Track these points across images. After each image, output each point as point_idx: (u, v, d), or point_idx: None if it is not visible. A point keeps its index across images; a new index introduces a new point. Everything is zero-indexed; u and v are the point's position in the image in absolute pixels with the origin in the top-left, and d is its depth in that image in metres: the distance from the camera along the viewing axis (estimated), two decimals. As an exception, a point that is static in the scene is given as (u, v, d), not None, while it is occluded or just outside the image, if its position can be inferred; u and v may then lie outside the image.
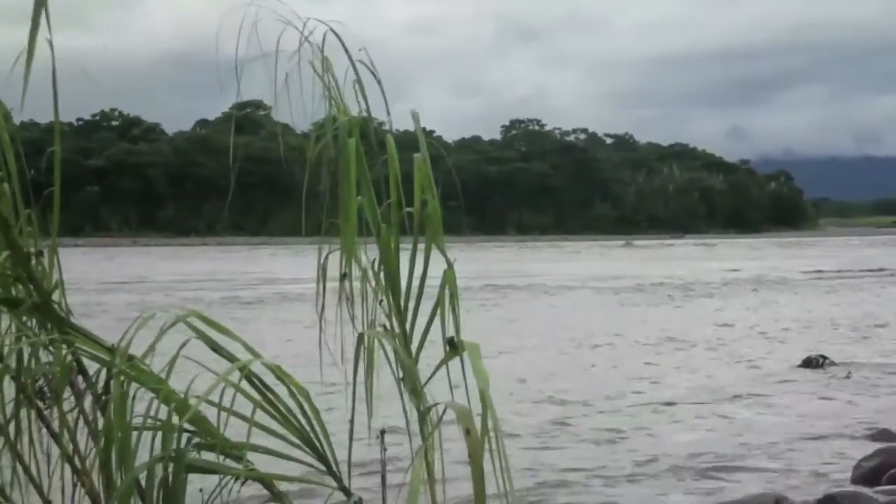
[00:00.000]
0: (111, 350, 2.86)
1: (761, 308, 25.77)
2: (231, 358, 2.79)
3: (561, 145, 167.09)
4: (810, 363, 14.40)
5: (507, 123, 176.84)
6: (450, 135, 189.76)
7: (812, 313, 23.71)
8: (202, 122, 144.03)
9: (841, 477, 7.86)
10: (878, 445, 8.52)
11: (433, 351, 2.97)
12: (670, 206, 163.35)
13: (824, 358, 14.55)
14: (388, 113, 3.06)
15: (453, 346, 2.99)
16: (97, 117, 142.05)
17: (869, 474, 7.79)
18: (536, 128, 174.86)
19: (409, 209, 3.00)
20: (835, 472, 8.02)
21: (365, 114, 3.01)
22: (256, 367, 2.81)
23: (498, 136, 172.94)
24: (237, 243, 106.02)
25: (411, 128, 3.13)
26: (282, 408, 2.84)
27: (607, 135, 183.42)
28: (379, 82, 2.97)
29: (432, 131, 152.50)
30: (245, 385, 2.81)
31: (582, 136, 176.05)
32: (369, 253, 3.01)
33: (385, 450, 3.30)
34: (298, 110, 2.94)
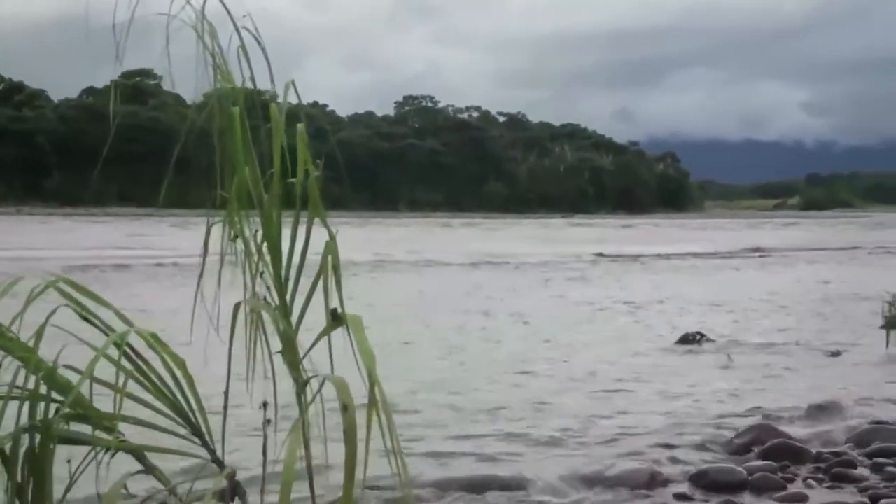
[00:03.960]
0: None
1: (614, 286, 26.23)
2: (102, 326, 2.74)
3: (454, 123, 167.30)
4: (687, 340, 14.57)
5: (401, 99, 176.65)
6: (343, 109, 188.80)
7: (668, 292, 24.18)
8: (90, 91, 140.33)
9: (715, 453, 8.06)
10: (751, 422, 8.79)
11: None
12: (562, 186, 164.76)
13: (701, 335, 14.75)
14: (273, 81, 3.03)
15: (336, 318, 2.97)
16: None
17: (741, 450, 8.05)
18: (430, 104, 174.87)
19: (291, 180, 2.98)
20: (710, 447, 8.21)
21: (250, 83, 2.98)
22: (132, 337, 2.76)
23: (391, 112, 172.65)
24: (124, 214, 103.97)
25: (302, 101, 3.11)
26: (154, 378, 2.79)
27: (500, 113, 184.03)
28: (263, 49, 2.94)
29: (325, 105, 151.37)
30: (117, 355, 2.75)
31: (475, 115, 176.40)
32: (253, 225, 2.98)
33: (269, 422, 3.28)
34: (187, 80, 2.90)
